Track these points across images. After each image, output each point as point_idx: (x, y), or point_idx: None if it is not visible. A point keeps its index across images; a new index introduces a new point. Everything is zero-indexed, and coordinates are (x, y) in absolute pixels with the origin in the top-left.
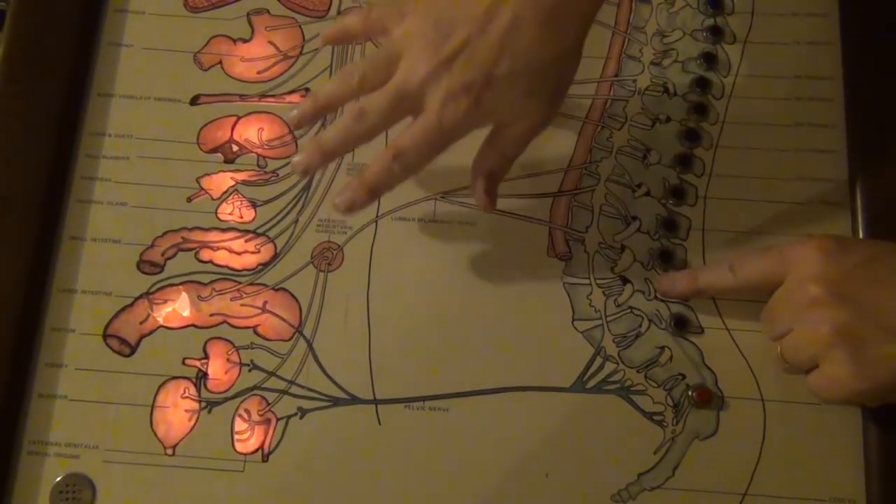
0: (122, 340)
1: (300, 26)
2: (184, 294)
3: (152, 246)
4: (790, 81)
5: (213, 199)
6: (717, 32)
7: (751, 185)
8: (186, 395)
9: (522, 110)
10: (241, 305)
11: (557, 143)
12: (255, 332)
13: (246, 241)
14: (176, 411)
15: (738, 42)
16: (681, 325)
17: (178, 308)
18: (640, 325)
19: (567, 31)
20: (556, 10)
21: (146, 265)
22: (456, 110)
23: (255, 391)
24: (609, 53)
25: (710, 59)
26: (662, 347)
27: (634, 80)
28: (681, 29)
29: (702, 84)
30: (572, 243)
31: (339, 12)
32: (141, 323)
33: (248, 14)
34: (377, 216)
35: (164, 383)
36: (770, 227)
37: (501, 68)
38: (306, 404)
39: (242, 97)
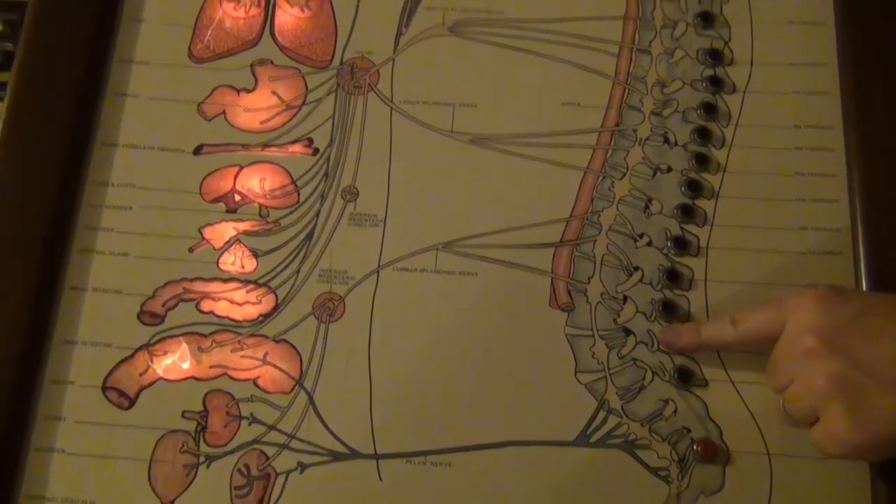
0: (122, 393)
1: (303, 77)
2: (184, 345)
3: (153, 296)
4: (790, 131)
5: (214, 249)
6: (716, 83)
7: (753, 235)
8: (185, 449)
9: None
10: (242, 357)
11: (559, 193)
12: (256, 385)
13: (247, 291)
14: (174, 466)
15: (737, 92)
16: (685, 378)
17: (177, 360)
18: (644, 378)
19: None
20: None
21: (147, 316)
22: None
23: (255, 445)
24: (610, 103)
25: (710, 110)
26: (666, 400)
27: (635, 130)
28: (681, 79)
29: (702, 134)
30: (574, 294)
31: (341, 62)
32: (140, 375)
33: (251, 64)
34: (379, 266)
35: (162, 437)
36: (773, 277)
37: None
38: (306, 459)
39: (245, 147)
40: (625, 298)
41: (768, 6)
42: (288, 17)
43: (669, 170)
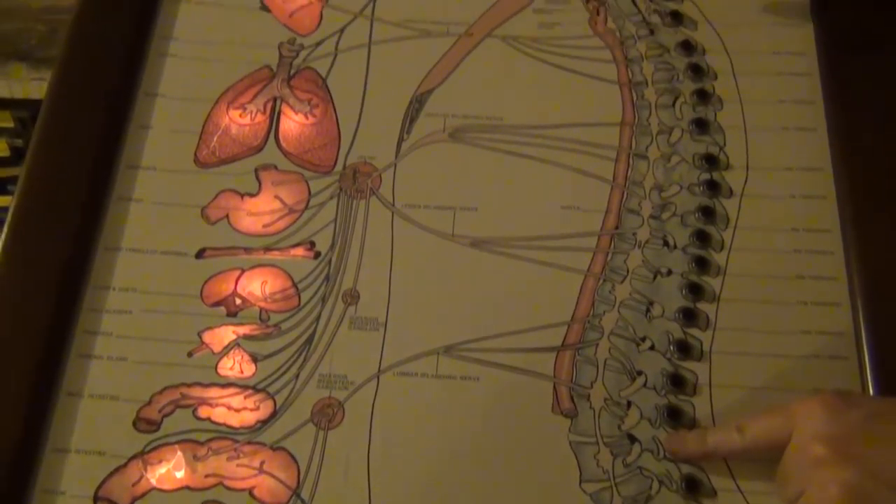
0: None
1: (306, 181)
2: (179, 453)
3: (150, 403)
4: (788, 234)
5: (213, 353)
6: (713, 187)
7: (756, 339)
8: None
9: None
10: (238, 466)
11: (560, 296)
12: (252, 495)
13: (245, 397)
14: None
15: (734, 196)
16: (692, 488)
17: (172, 469)
18: (651, 487)
19: None
20: None
21: (142, 423)
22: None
23: None
24: (609, 207)
25: (708, 213)
26: None
27: (635, 234)
28: (678, 183)
29: (701, 237)
30: (577, 399)
31: (344, 167)
32: (133, 485)
33: (255, 169)
34: (379, 371)
35: None
36: (779, 382)
37: None
38: None
39: (247, 250)
40: (629, 404)
41: (761, 113)
42: (292, 124)
43: (670, 273)
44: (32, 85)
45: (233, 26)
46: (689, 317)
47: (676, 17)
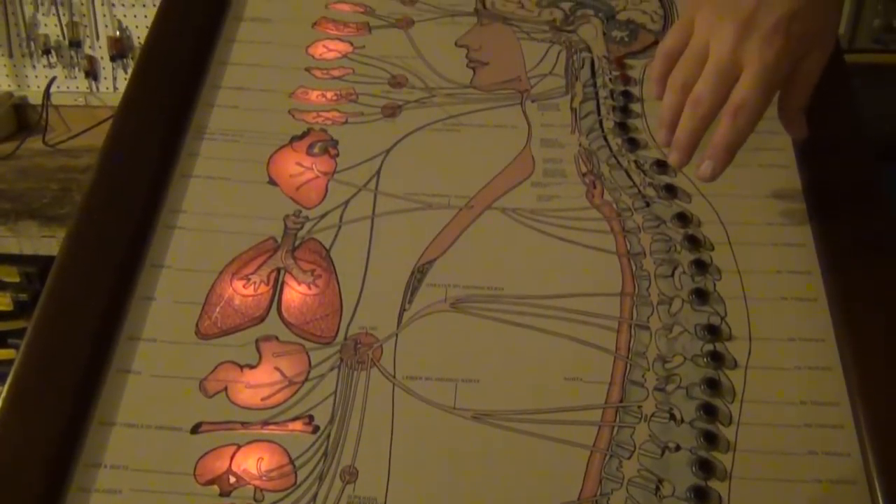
0: None
1: (307, 352)
2: None
3: None
4: (797, 407)
5: None
6: (717, 358)
7: None
8: None
9: (825, 27)
10: None
11: (566, 474)
12: None
13: None
14: None
15: (739, 367)
16: None
17: None
18: None
19: None
20: None
21: None
22: (775, 50)
23: None
24: (612, 379)
25: (713, 385)
26: None
27: (640, 407)
28: (681, 354)
29: (708, 410)
30: None
31: (345, 338)
32: None
33: (256, 340)
34: None
35: None
36: None
37: (800, 1)
38: None
39: (244, 425)
40: None
41: (759, 283)
42: (295, 295)
43: (678, 448)
44: (42, 242)
45: (240, 199)
46: (701, 497)
47: (671, 190)
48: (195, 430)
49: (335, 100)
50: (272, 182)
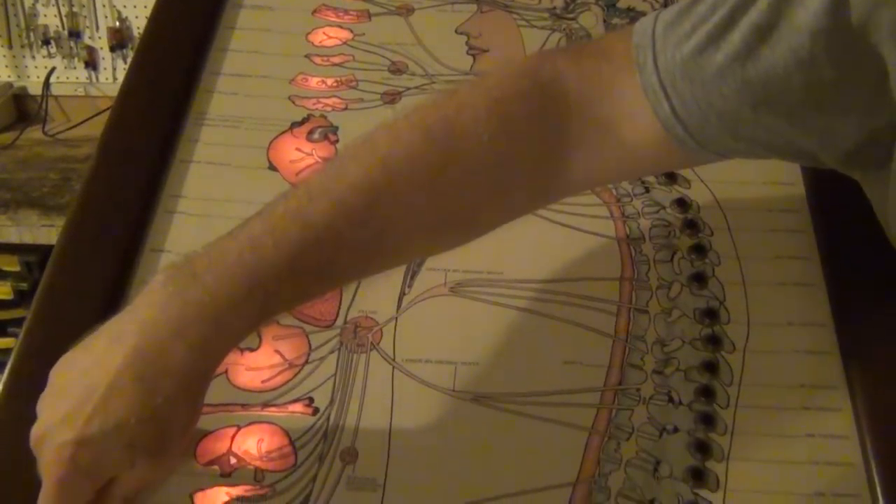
0: None
1: (307, 335)
2: None
3: None
4: (795, 390)
5: None
6: (715, 341)
7: (769, 500)
8: None
9: (126, 463)
10: None
11: (564, 455)
12: None
13: None
14: None
15: (737, 351)
16: None
17: None
18: None
19: (161, 387)
20: (145, 370)
21: None
22: (56, 474)
23: None
24: (611, 362)
25: (711, 368)
26: None
27: (638, 389)
28: (680, 338)
29: (706, 393)
30: None
31: (345, 321)
32: None
33: None
34: None
35: None
36: None
37: (93, 428)
38: None
39: (245, 407)
40: None
41: (758, 268)
42: None
43: (676, 430)
44: (41, 231)
45: (240, 185)
46: (698, 477)
47: (670, 176)
48: None
49: (335, 86)
50: (272, 168)
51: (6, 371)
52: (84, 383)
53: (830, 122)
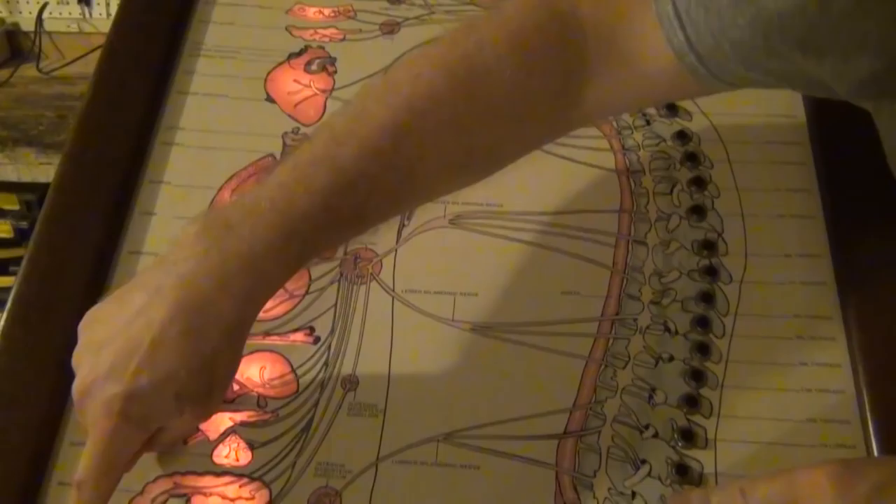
0: None
1: (307, 267)
2: None
3: (142, 493)
4: (790, 320)
5: (209, 441)
6: (712, 273)
7: (761, 426)
8: None
9: (175, 413)
10: None
11: (562, 383)
12: None
13: (241, 486)
14: None
15: (734, 282)
16: None
17: None
18: None
19: (208, 338)
20: (192, 323)
21: None
22: (105, 428)
23: None
24: (609, 293)
25: (708, 299)
26: None
27: (635, 319)
28: (677, 269)
29: (702, 323)
30: (581, 489)
31: (345, 253)
32: None
33: None
34: (377, 459)
35: None
36: None
37: (142, 380)
38: None
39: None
40: (633, 495)
41: (757, 200)
42: None
43: (671, 359)
44: (40, 169)
45: (238, 116)
46: (692, 404)
47: (672, 109)
48: None
49: (333, 16)
50: (270, 99)
51: (5, 312)
52: (126, 336)
53: (845, 52)
